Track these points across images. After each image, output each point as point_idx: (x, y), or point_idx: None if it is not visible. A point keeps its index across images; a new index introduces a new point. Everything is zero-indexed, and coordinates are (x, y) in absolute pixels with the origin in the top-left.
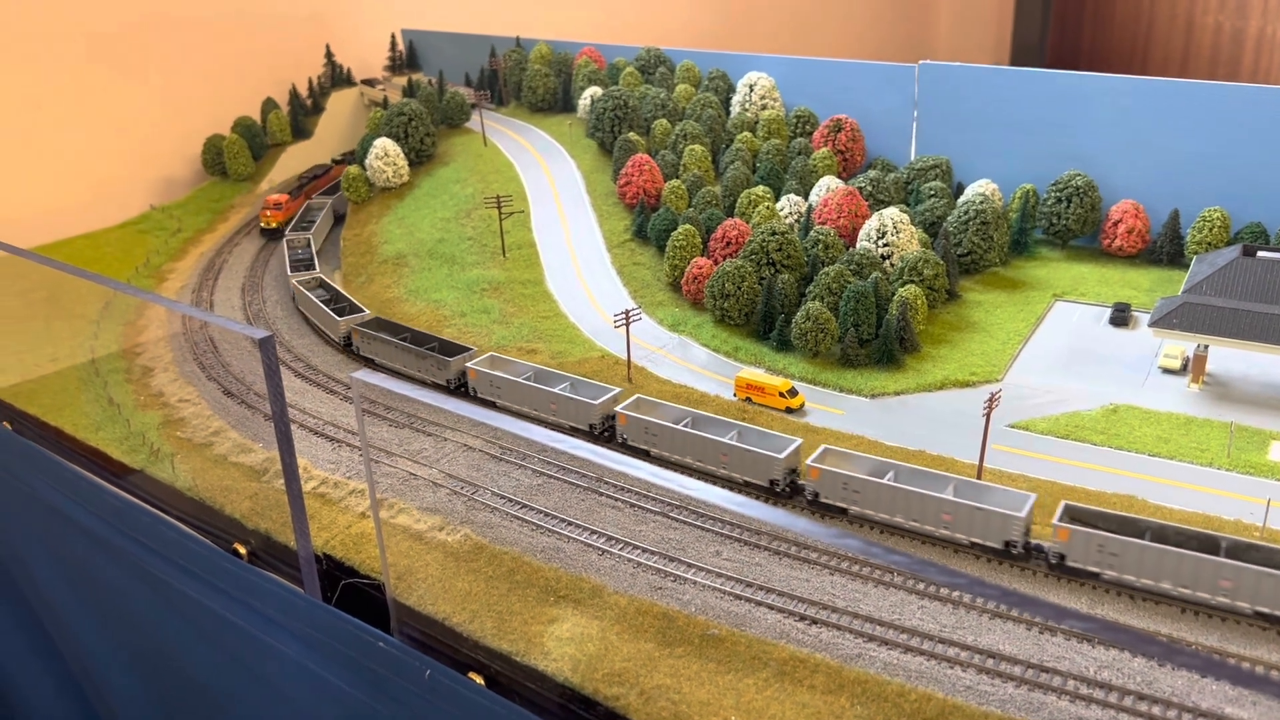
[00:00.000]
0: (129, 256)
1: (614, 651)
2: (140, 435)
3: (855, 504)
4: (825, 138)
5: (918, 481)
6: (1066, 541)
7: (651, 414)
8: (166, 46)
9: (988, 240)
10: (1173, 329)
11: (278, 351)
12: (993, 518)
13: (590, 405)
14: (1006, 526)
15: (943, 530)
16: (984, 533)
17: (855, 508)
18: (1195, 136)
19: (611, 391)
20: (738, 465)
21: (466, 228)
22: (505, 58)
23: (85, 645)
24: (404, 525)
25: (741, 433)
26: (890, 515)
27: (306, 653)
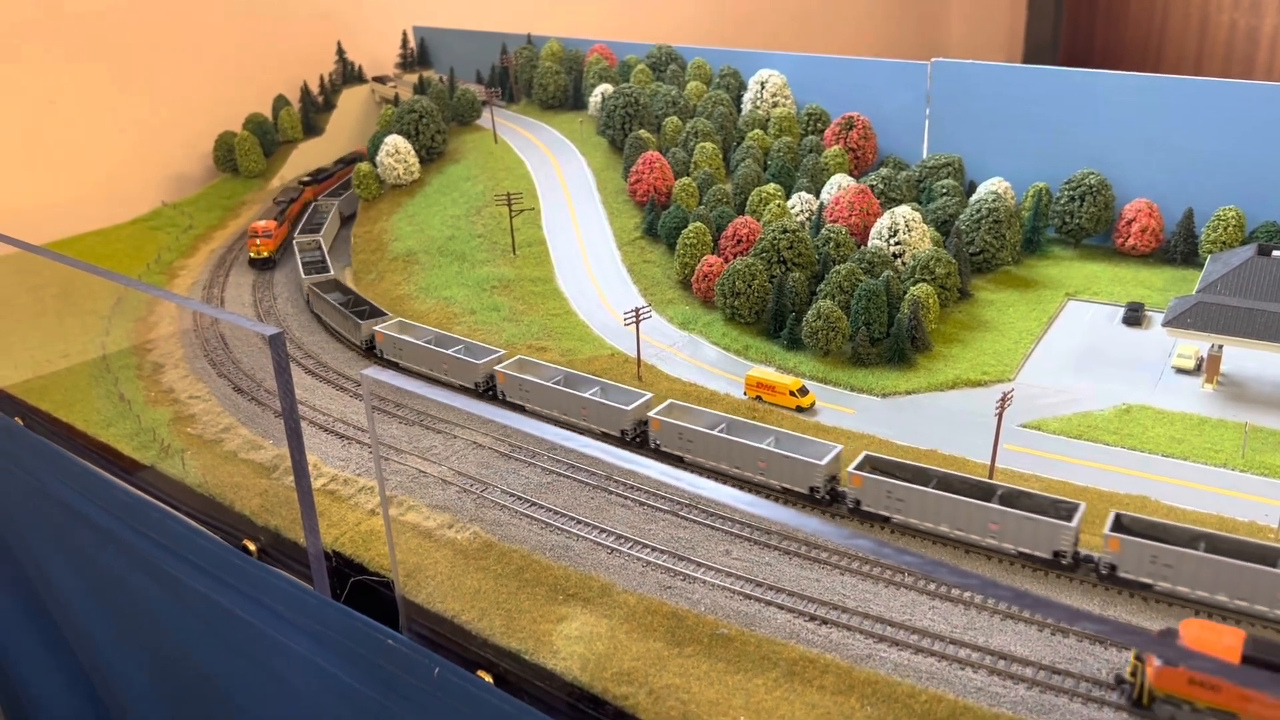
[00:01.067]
0: (140, 253)
1: (623, 650)
2: (151, 431)
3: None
4: (837, 135)
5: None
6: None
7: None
8: (178, 43)
9: (1000, 239)
10: (1187, 328)
11: (288, 348)
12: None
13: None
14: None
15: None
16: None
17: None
18: (1210, 135)
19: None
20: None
21: (477, 225)
22: (516, 55)
23: (95, 639)
24: (413, 523)
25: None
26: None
27: (316, 649)
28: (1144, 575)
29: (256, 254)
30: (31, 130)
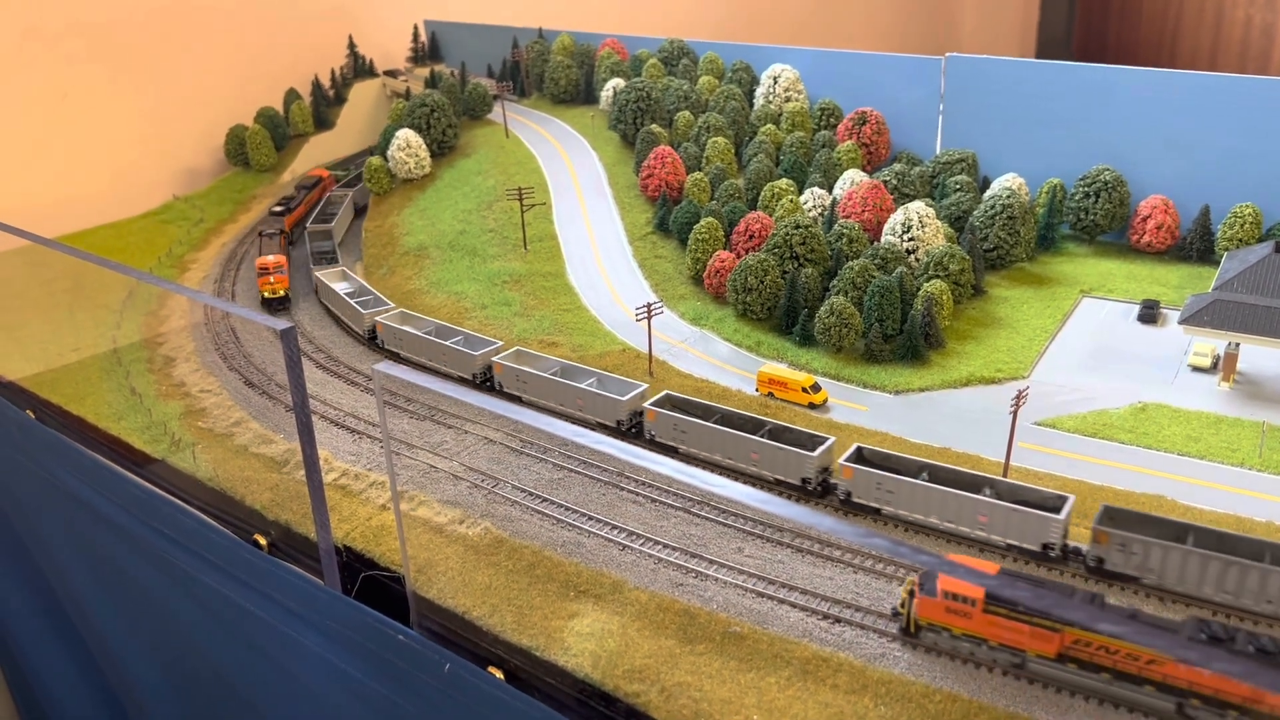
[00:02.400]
0: (152, 246)
1: (635, 648)
2: (162, 425)
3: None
4: (850, 130)
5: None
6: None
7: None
8: (190, 37)
9: (1014, 235)
10: (1204, 326)
11: (299, 342)
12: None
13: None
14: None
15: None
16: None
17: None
18: (1226, 131)
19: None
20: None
21: (488, 220)
22: (528, 49)
23: (106, 632)
24: (424, 518)
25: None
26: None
27: (326, 644)
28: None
29: (271, 293)
30: (44, 124)
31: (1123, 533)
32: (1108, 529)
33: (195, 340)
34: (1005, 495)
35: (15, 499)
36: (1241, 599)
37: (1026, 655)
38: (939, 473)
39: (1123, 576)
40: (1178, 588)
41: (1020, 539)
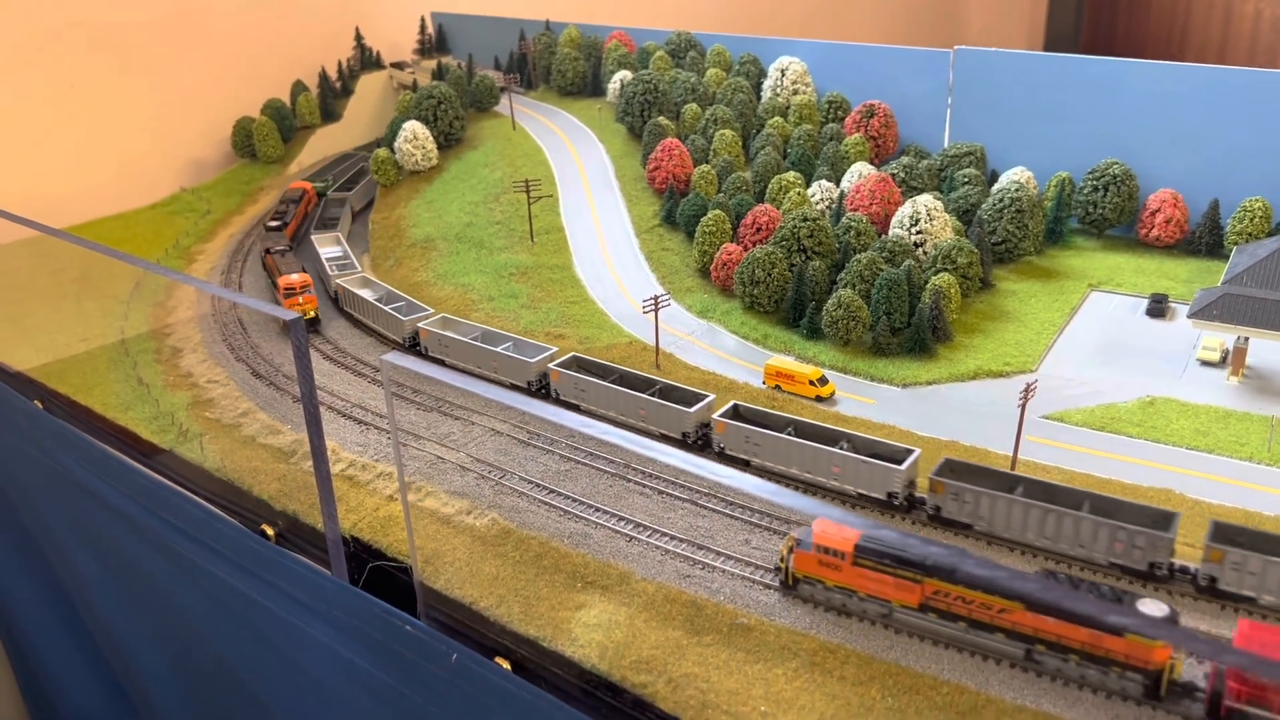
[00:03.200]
0: (159, 238)
1: (641, 639)
2: (169, 415)
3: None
4: (857, 123)
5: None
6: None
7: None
8: (197, 29)
9: (1022, 229)
10: (1213, 320)
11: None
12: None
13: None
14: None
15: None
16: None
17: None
18: (1236, 125)
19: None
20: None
21: (495, 212)
22: (535, 41)
23: (113, 621)
24: (431, 508)
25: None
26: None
27: (333, 634)
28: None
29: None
30: (51, 115)
31: (957, 483)
32: (944, 479)
33: (203, 331)
34: (861, 449)
35: (22, 488)
36: (1059, 544)
37: (892, 605)
38: (803, 428)
39: (957, 523)
40: (1005, 534)
41: (868, 488)
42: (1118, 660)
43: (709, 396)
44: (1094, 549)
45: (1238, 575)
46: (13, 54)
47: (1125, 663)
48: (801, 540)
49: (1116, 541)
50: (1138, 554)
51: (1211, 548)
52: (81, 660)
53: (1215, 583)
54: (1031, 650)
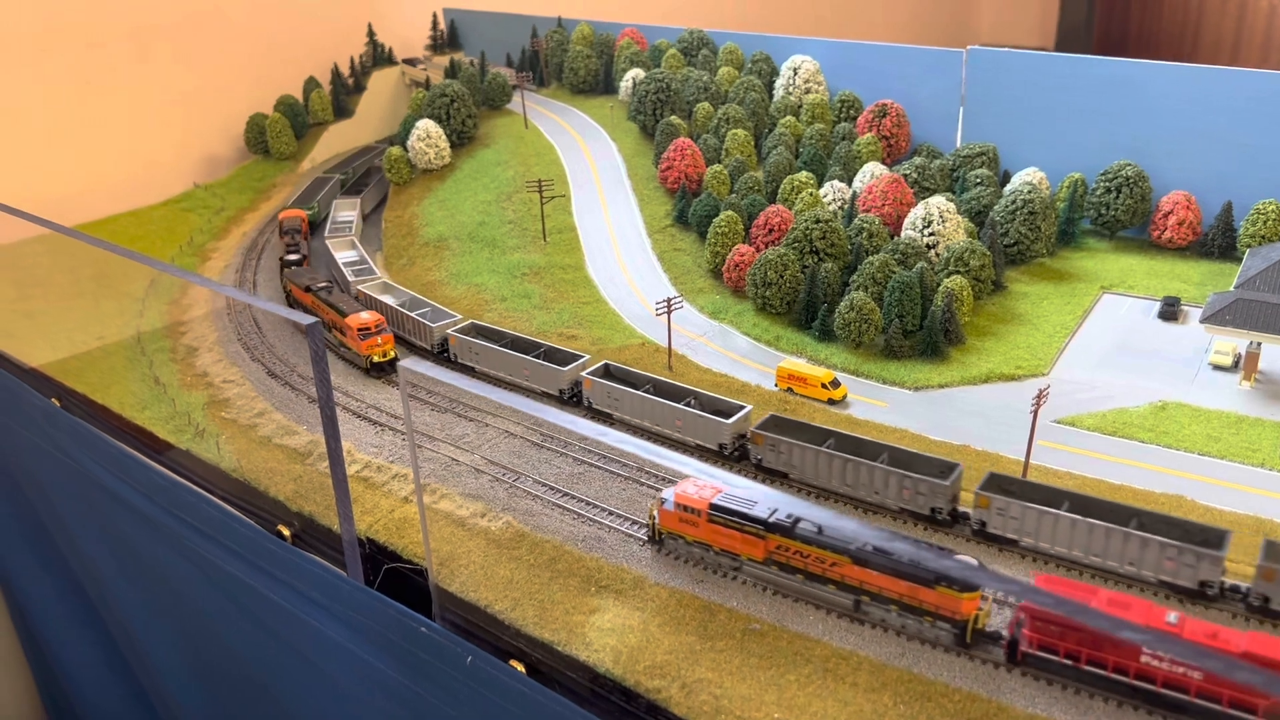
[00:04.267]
0: (173, 234)
1: (655, 644)
2: (185, 415)
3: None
4: (870, 123)
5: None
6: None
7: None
8: (211, 25)
9: (1035, 230)
10: (1225, 325)
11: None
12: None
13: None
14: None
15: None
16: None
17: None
18: (1250, 127)
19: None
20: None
21: (507, 211)
22: (547, 38)
23: (130, 618)
24: (446, 511)
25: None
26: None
27: (349, 635)
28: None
29: (382, 356)
30: (67, 112)
31: (773, 435)
32: (764, 433)
33: (218, 329)
34: (705, 406)
35: (40, 485)
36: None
37: (741, 559)
38: (660, 385)
39: (775, 471)
40: (814, 481)
41: (703, 440)
42: (930, 610)
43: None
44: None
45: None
46: (28, 52)
47: (937, 613)
48: (666, 499)
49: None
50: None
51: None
52: (98, 656)
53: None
54: (859, 600)
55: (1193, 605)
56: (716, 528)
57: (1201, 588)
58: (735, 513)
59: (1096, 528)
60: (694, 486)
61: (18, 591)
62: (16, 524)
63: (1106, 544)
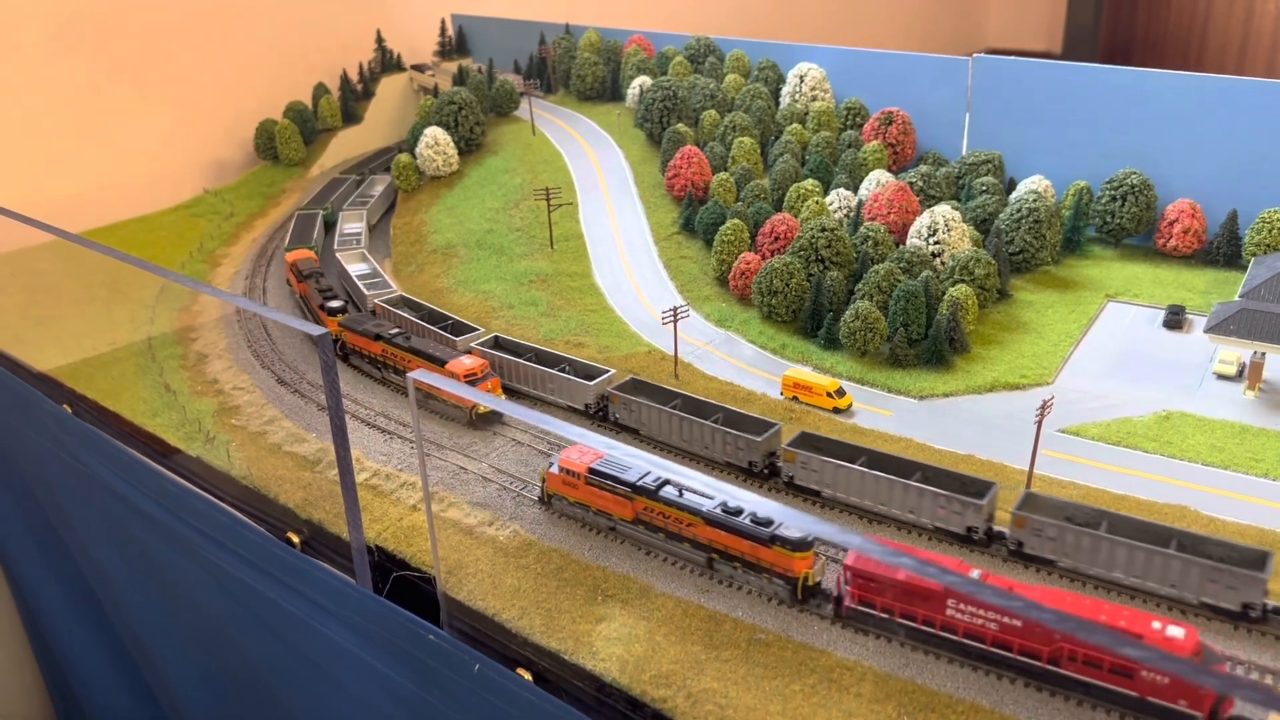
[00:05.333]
0: (183, 240)
1: (661, 653)
2: (196, 422)
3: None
4: (876, 130)
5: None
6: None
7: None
8: (220, 31)
9: (1040, 239)
10: (1230, 335)
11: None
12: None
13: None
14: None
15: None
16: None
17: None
18: (1256, 135)
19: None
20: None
21: (515, 218)
22: (554, 45)
23: (140, 624)
24: (454, 519)
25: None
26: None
27: (358, 642)
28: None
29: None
30: (75, 118)
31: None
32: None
33: (228, 336)
34: (578, 372)
35: (51, 490)
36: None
37: (614, 519)
38: (540, 354)
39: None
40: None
41: (570, 401)
42: (768, 568)
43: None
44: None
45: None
46: (37, 58)
47: (773, 570)
48: (553, 464)
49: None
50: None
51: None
52: (107, 660)
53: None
54: (711, 558)
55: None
56: (593, 490)
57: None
58: (609, 476)
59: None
60: (578, 453)
61: (29, 595)
62: (27, 528)
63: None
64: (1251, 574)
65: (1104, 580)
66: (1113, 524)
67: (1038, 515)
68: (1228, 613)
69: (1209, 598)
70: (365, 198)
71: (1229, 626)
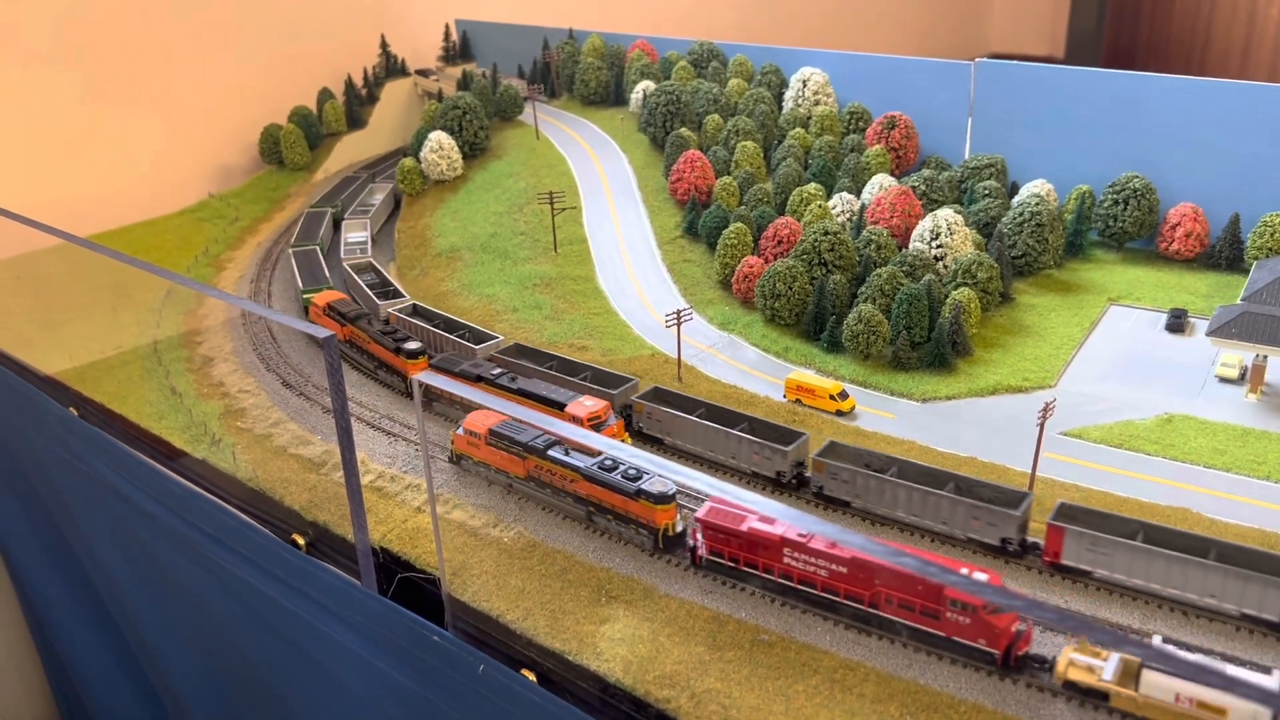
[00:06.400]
0: (188, 244)
1: (665, 654)
2: (202, 425)
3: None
4: (879, 135)
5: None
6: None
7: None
8: (225, 36)
9: (1042, 242)
10: (1232, 339)
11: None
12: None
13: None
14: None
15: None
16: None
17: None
18: (1258, 139)
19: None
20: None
21: (519, 222)
22: (558, 49)
23: (145, 624)
24: (459, 521)
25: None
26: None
27: (363, 643)
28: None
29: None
30: (82, 121)
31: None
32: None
33: (234, 339)
34: (470, 339)
35: (57, 492)
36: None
37: (510, 476)
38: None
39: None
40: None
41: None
42: (634, 519)
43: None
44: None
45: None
46: (43, 61)
47: (640, 521)
48: (460, 426)
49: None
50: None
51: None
52: (112, 661)
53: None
54: (590, 511)
55: None
56: (493, 449)
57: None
58: (505, 437)
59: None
60: (482, 416)
61: (33, 595)
62: (33, 530)
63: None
64: (1006, 511)
65: (890, 519)
66: (901, 469)
67: (834, 461)
68: (990, 547)
69: (974, 533)
70: (366, 206)
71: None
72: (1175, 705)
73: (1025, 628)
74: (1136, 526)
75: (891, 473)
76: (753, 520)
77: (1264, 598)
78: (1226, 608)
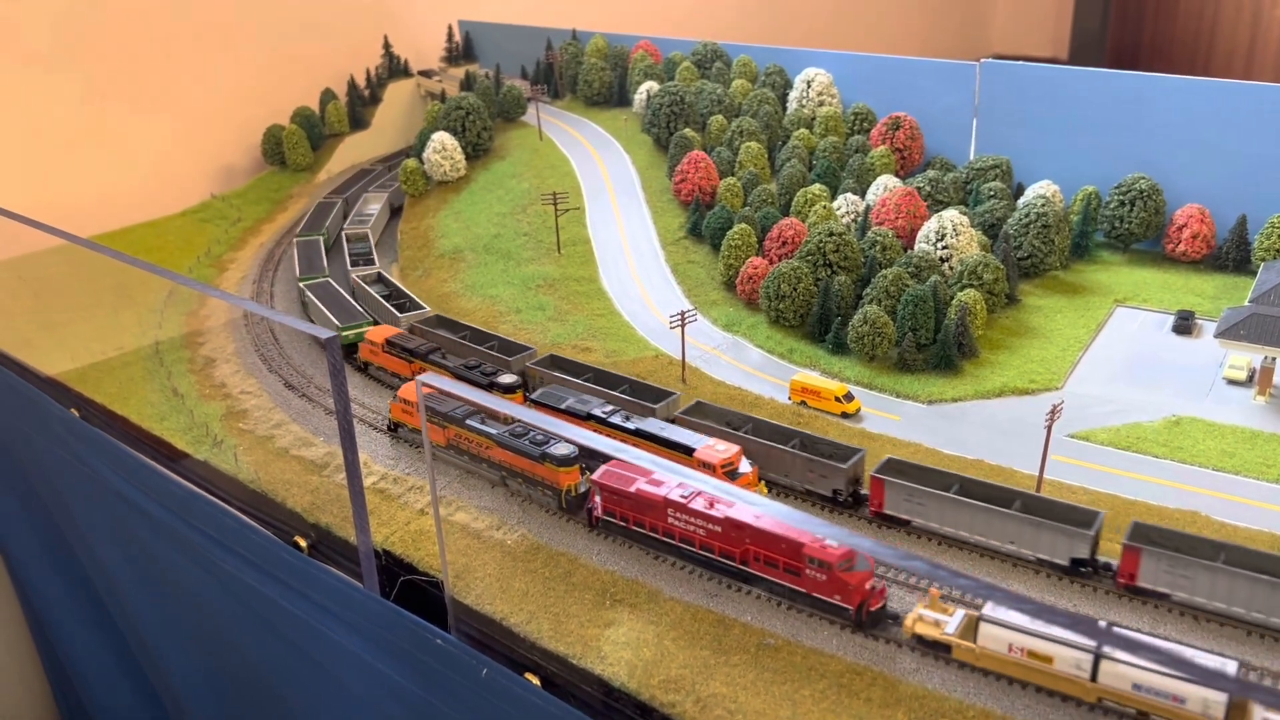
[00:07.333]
0: (190, 245)
1: (670, 657)
2: (204, 426)
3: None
4: (883, 135)
5: None
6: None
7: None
8: (228, 37)
9: (1049, 243)
10: (1240, 340)
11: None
12: None
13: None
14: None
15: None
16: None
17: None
18: (1265, 140)
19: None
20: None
21: (522, 223)
22: (562, 50)
23: (146, 626)
24: (462, 523)
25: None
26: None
27: (365, 646)
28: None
29: None
30: (83, 122)
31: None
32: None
33: (236, 340)
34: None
35: (58, 493)
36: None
37: (435, 445)
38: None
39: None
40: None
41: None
42: (541, 481)
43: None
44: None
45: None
46: (44, 62)
47: (547, 483)
48: (396, 395)
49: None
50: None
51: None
52: (113, 662)
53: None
54: (503, 475)
55: None
56: (433, 424)
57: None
58: (429, 409)
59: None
60: (414, 387)
61: (34, 596)
62: (33, 531)
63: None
64: (835, 465)
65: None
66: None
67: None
68: (824, 498)
69: (810, 485)
70: (364, 216)
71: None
72: (1009, 655)
73: (879, 585)
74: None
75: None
76: (641, 482)
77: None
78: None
